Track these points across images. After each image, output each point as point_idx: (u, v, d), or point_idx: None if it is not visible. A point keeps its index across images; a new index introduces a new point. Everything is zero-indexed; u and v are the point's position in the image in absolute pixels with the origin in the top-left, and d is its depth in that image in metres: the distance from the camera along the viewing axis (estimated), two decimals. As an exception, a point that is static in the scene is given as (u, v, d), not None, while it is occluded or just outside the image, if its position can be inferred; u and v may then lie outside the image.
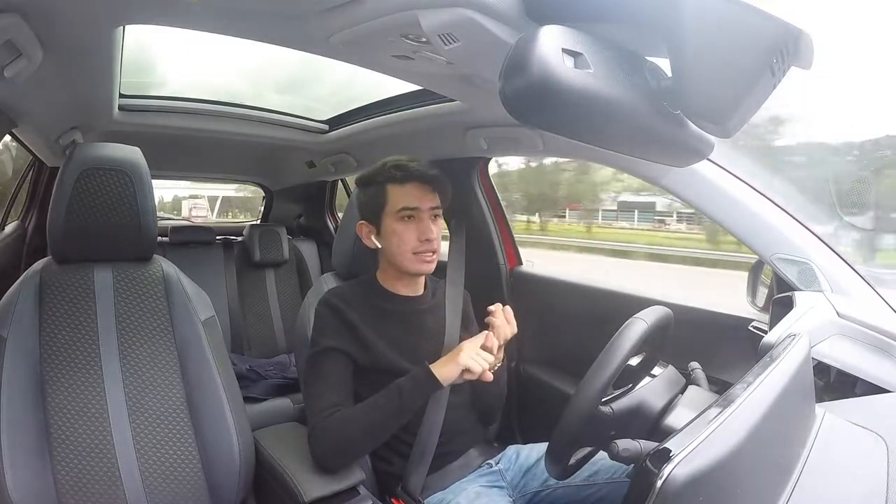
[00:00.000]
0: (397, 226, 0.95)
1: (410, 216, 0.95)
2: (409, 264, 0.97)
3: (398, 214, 0.95)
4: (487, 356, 0.86)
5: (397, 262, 0.98)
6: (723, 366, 0.97)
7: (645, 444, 0.62)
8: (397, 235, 0.95)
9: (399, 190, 0.96)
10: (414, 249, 0.95)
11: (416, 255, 0.96)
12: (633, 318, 0.72)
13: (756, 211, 0.94)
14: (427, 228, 0.95)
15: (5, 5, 0.72)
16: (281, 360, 1.95)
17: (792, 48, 0.46)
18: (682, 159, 0.65)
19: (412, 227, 0.95)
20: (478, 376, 0.84)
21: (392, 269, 1.01)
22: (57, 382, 0.86)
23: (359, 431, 0.87)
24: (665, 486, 0.36)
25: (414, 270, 0.97)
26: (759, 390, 0.48)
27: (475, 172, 1.52)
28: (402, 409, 0.86)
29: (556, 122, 0.47)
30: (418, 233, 0.95)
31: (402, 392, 0.86)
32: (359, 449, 0.91)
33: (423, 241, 0.95)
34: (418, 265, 0.96)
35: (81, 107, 1.29)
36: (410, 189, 0.95)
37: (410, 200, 0.95)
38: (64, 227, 0.90)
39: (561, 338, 1.42)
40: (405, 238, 0.95)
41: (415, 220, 0.96)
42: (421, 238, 0.95)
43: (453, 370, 0.84)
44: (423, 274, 1.00)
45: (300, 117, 1.76)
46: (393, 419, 0.87)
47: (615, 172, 8.46)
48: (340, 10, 0.72)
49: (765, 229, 0.94)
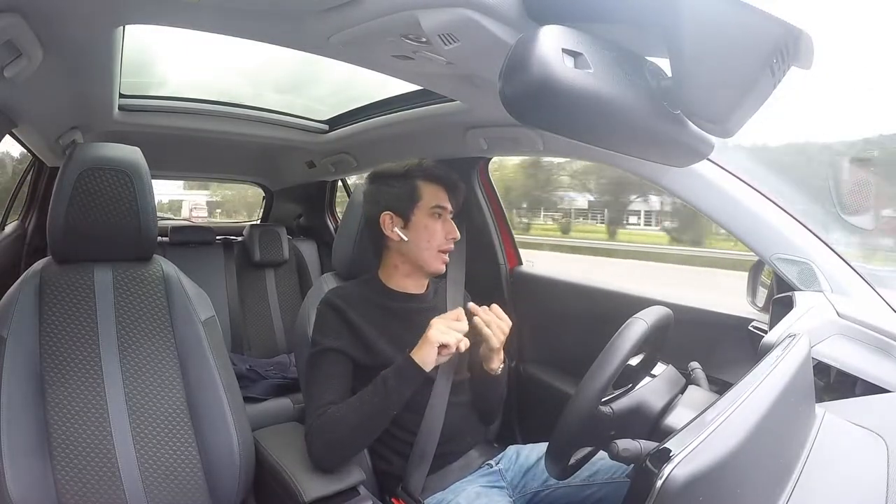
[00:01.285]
0: (429, 221, 1.00)
1: (440, 214, 1.01)
2: (431, 260, 1.00)
3: (431, 210, 1.00)
4: (459, 326, 0.87)
5: (420, 256, 1.00)
6: (723, 366, 0.97)
7: (645, 444, 0.61)
8: (428, 230, 0.99)
9: (432, 188, 1.01)
10: (440, 246, 1.00)
11: (440, 253, 1.00)
12: (633, 318, 0.72)
13: (756, 211, 0.94)
14: (453, 227, 1.02)
15: (5, 5, 0.72)
16: (281, 360, 1.95)
17: (792, 48, 0.45)
18: (682, 159, 0.65)
19: (440, 225, 1.00)
20: (454, 348, 0.85)
21: (404, 265, 1.02)
22: (57, 382, 0.86)
23: (349, 427, 0.86)
24: (665, 486, 0.36)
25: (433, 268, 1.01)
26: (759, 390, 0.48)
27: (475, 172, 1.52)
28: (389, 401, 0.86)
29: (556, 122, 0.47)
30: (445, 231, 1.00)
31: (387, 383, 0.86)
32: (352, 445, 0.90)
33: (450, 240, 1.01)
34: (438, 263, 1.01)
35: (81, 107, 1.29)
36: (440, 190, 1.01)
37: (442, 200, 1.01)
38: (64, 227, 0.90)
39: (561, 338, 1.42)
40: (435, 234, 0.99)
41: (442, 219, 1.01)
42: (448, 237, 1.01)
43: (428, 350, 0.85)
44: (437, 273, 1.03)
45: (300, 117, 1.76)
46: (381, 412, 0.87)
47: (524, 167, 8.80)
48: (340, 10, 0.72)
49: (765, 229, 0.93)
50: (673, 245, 8.45)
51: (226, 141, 1.79)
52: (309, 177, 2.17)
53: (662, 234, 9.38)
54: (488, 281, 1.54)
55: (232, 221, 3.75)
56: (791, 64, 0.47)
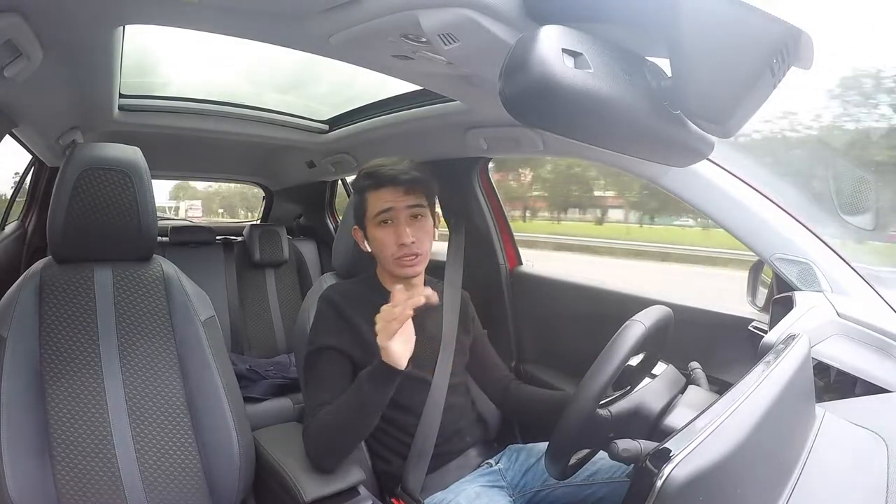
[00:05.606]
0: (377, 231, 0.96)
1: (387, 220, 0.95)
2: (392, 268, 0.97)
3: (376, 220, 0.96)
4: (392, 312, 0.78)
5: (383, 265, 0.99)
6: (723, 366, 0.97)
7: (645, 444, 0.61)
8: (378, 241, 0.96)
9: (375, 195, 0.96)
10: (394, 255, 0.95)
11: (396, 260, 0.95)
12: (631, 321, 0.72)
13: (756, 211, 0.94)
14: (402, 232, 0.93)
15: (5, 5, 0.72)
16: (281, 360, 1.95)
17: (792, 48, 0.45)
18: (682, 159, 0.65)
19: (390, 232, 0.95)
20: (396, 325, 0.77)
21: (385, 270, 1.01)
22: (57, 382, 0.86)
23: (337, 429, 0.86)
24: (665, 486, 0.36)
25: (398, 274, 0.97)
26: (759, 390, 0.48)
27: (475, 172, 1.52)
28: (370, 402, 0.83)
29: (556, 122, 0.47)
30: (395, 237, 0.94)
31: (363, 387, 0.83)
32: (343, 446, 0.89)
33: (400, 246, 0.94)
34: (401, 269, 0.96)
35: (81, 107, 1.29)
36: (384, 193, 0.95)
37: (384, 203, 0.95)
38: (64, 227, 0.90)
39: (561, 338, 1.42)
40: (385, 243, 0.95)
41: (392, 224, 0.95)
42: (398, 242, 0.94)
43: (390, 350, 0.78)
44: (409, 277, 0.97)
45: (300, 117, 1.76)
46: (366, 414, 0.84)
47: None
48: (340, 10, 0.72)
49: (765, 229, 0.93)
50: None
51: (226, 141, 1.79)
52: (309, 177, 2.17)
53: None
54: (488, 281, 1.54)
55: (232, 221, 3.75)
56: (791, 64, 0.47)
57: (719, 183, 0.96)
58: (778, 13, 0.44)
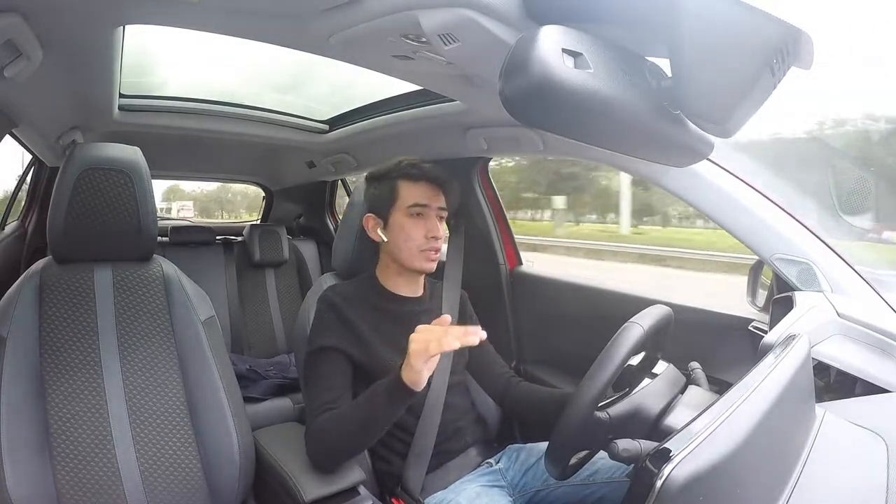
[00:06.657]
0: (406, 221, 0.97)
1: (419, 213, 0.97)
2: (413, 260, 0.97)
3: (408, 210, 0.97)
4: (433, 330, 0.74)
5: (402, 257, 0.98)
6: (723, 366, 0.97)
7: (645, 444, 0.61)
8: (405, 231, 0.97)
9: (411, 187, 0.98)
10: (420, 246, 0.97)
11: (422, 253, 0.97)
12: (629, 323, 0.72)
13: (756, 211, 0.94)
14: (434, 226, 0.97)
15: (5, 5, 0.72)
16: (281, 360, 1.95)
17: (792, 48, 0.46)
18: (682, 159, 0.65)
19: (420, 224, 0.97)
20: (435, 351, 0.71)
21: (394, 265, 1.01)
22: (57, 382, 0.86)
23: (344, 434, 0.85)
24: (665, 486, 0.37)
25: (417, 267, 0.98)
26: (759, 390, 0.48)
27: (475, 172, 1.52)
28: (383, 415, 0.81)
29: (556, 122, 0.47)
30: (426, 230, 0.97)
31: (376, 399, 0.80)
32: (348, 451, 0.88)
33: (430, 239, 0.97)
34: (422, 262, 0.97)
35: (81, 107, 1.29)
36: (422, 187, 0.98)
37: (421, 198, 0.97)
38: (64, 227, 0.90)
39: (561, 338, 1.42)
40: (413, 234, 0.96)
41: (423, 218, 0.98)
42: (428, 235, 0.96)
43: (415, 370, 0.73)
44: (425, 272, 1.00)
45: (300, 117, 1.76)
46: (375, 425, 0.83)
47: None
48: (340, 10, 0.72)
49: (765, 229, 0.93)
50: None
51: (226, 141, 1.79)
52: (309, 177, 2.17)
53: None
54: (488, 281, 1.54)
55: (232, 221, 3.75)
56: (791, 64, 0.47)
57: (719, 183, 0.96)
58: (778, 13, 0.44)
